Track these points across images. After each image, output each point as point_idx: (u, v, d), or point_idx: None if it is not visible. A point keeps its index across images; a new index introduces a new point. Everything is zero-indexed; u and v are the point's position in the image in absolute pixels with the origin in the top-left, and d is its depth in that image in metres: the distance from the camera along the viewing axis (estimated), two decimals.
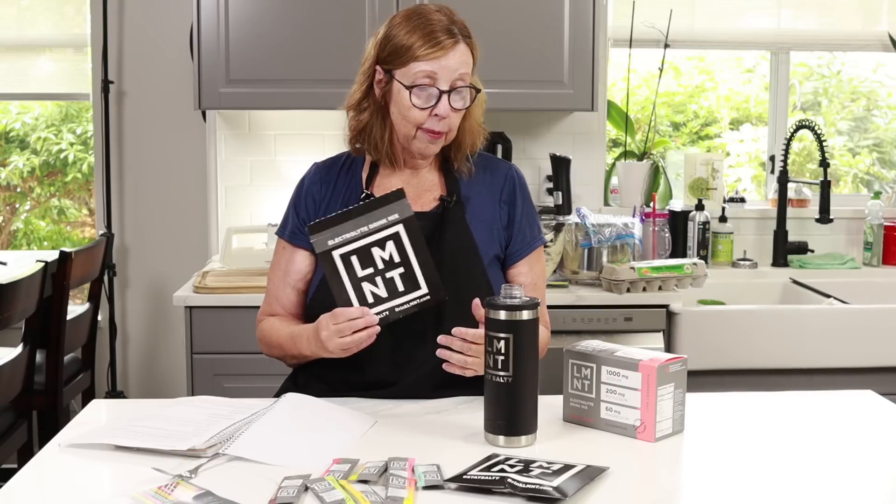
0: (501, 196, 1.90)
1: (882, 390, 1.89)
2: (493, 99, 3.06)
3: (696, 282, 2.85)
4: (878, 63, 3.72)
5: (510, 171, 1.94)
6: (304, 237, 1.87)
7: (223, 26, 2.93)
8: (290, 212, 1.93)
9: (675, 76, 3.76)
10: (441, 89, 1.76)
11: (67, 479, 1.40)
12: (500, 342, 1.51)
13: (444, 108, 1.76)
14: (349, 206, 1.71)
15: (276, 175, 3.32)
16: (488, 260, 1.85)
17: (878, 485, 1.43)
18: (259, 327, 1.94)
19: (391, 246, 1.66)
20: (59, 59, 3.77)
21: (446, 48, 1.75)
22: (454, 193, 1.86)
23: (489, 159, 1.96)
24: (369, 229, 1.66)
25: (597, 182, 3.44)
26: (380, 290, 1.66)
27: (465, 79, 1.78)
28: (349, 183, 1.90)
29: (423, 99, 1.76)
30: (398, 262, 1.66)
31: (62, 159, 4.02)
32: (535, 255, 1.92)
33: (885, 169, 3.81)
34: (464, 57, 1.78)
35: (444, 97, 1.76)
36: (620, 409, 1.55)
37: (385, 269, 1.66)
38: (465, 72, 1.78)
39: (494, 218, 1.88)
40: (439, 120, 1.77)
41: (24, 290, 2.70)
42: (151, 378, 3.78)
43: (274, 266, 1.94)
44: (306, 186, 1.92)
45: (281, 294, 1.91)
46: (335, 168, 1.92)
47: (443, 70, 1.75)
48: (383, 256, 1.66)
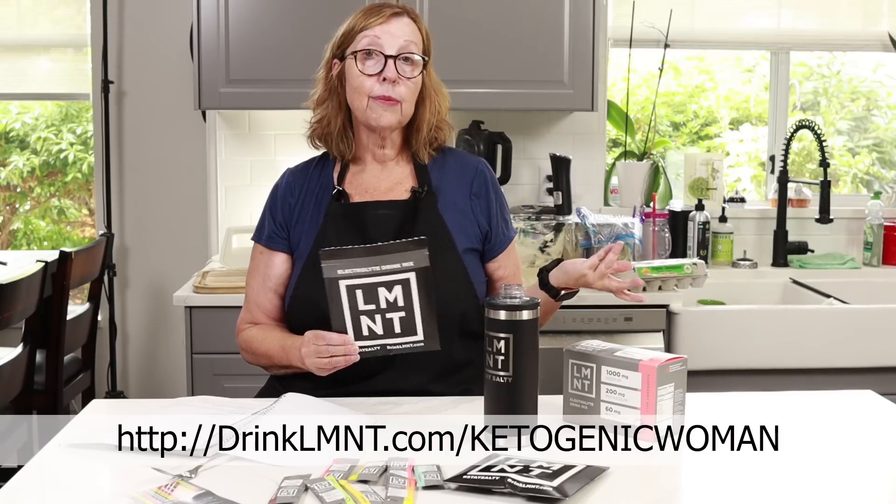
0: (472, 188, 1.94)
1: (882, 390, 1.89)
2: (493, 99, 3.09)
3: (696, 282, 2.85)
4: (878, 63, 3.72)
5: (480, 166, 1.98)
6: (283, 241, 1.92)
7: (223, 26, 2.93)
8: (266, 217, 1.96)
9: (674, 76, 3.76)
10: (386, 54, 1.81)
11: (67, 479, 1.40)
12: (500, 342, 1.51)
13: (391, 71, 1.81)
14: (367, 244, 1.68)
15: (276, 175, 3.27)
16: (463, 248, 1.88)
17: (878, 485, 1.43)
18: (241, 336, 1.95)
19: (398, 290, 1.65)
20: (59, 59, 3.77)
21: (387, 16, 1.84)
22: (425, 184, 1.89)
23: (460, 154, 2.01)
24: (381, 270, 1.65)
25: (597, 182, 3.44)
26: (377, 327, 1.66)
27: (412, 48, 1.84)
28: (321, 182, 1.93)
29: (371, 66, 1.82)
30: (401, 306, 1.65)
31: (62, 159, 4.03)
32: (510, 248, 1.99)
33: (885, 169, 3.81)
34: (409, 28, 1.85)
35: (391, 61, 1.81)
36: (620, 409, 1.55)
37: (387, 310, 1.66)
38: (412, 40, 1.84)
39: (467, 209, 1.92)
40: (389, 84, 1.81)
41: (24, 290, 2.70)
42: (151, 378, 3.78)
43: (252, 272, 1.96)
44: (281, 191, 1.96)
45: (262, 299, 1.92)
46: (307, 170, 1.97)
47: (385, 35, 1.82)
48: (388, 298, 1.65)
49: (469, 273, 1.87)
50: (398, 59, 1.81)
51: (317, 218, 1.89)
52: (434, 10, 2.93)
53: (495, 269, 1.96)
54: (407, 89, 1.83)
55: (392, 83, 1.81)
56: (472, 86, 2.97)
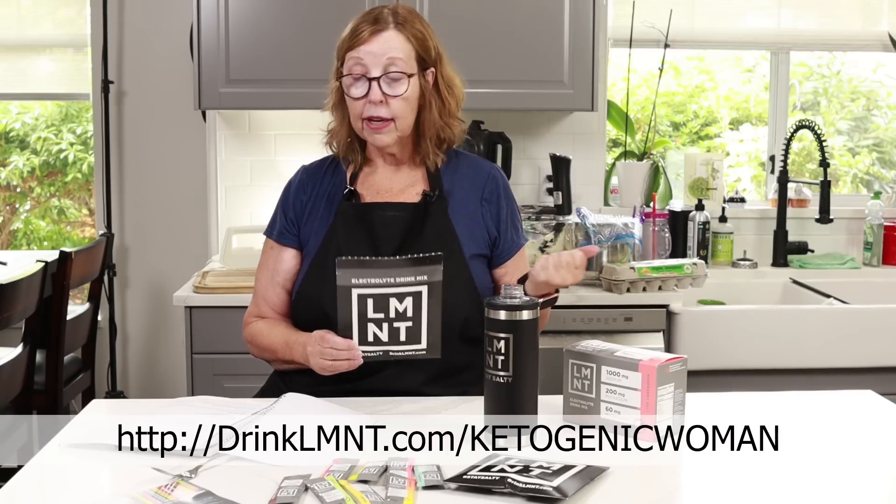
0: (483, 193, 1.93)
1: (882, 390, 1.89)
2: (493, 99, 3.09)
3: (696, 282, 2.85)
4: (878, 63, 3.72)
5: (493, 171, 1.97)
6: (293, 237, 1.92)
7: (223, 26, 2.93)
8: (278, 213, 1.97)
9: (674, 76, 3.76)
10: (370, 76, 1.79)
11: (67, 479, 1.40)
12: (500, 342, 1.51)
13: (375, 94, 1.80)
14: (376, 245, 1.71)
15: (276, 175, 3.32)
16: (470, 253, 1.88)
17: (878, 485, 1.43)
18: (248, 329, 1.95)
19: (409, 301, 1.66)
20: (59, 59, 3.77)
21: (366, 36, 1.80)
22: (436, 188, 1.89)
23: (473, 159, 2.00)
24: (395, 282, 1.66)
25: (597, 182, 3.44)
26: (382, 334, 1.67)
27: (397, 63, 1.80)
28: (334, 182, 1.93)
29: (357, 90, 1.81)
30: (409, 316, 1.67)
31: (62, 159, 4.03)
32: (519, 255, 1.97)
33: (885, 169, 3.81)
34: (392, 42, 1.81)
35: (374, 84, 1.79)
36: (620, 409, 1.55)
37: (395, 319, 1.67)
38: (396, 56, 1.80)
39: (477, 214, 1.91)
40: (375, 106, 1.80)
41: (24, 290, 2.70)
42: (151, 378, 3.78)
43: (262, 266, 1.96)
44: (294, 187, 1.96)
45: (270, 294, 1.93)
46: (321, 169, 1.97)
47: (368, 56, 1.80)
48: (398, 308, 1.66)
49: (474, 279, 1.87)
50: (381, 79, 1.79)
51: (327, 216, 1.89)
52: (434, 10, 2.93)
53: (502, 275, 1.95)
54: (398, 105, 1.81)
55: (378, 104, 1.80)
56: (472, 86, 2.91)
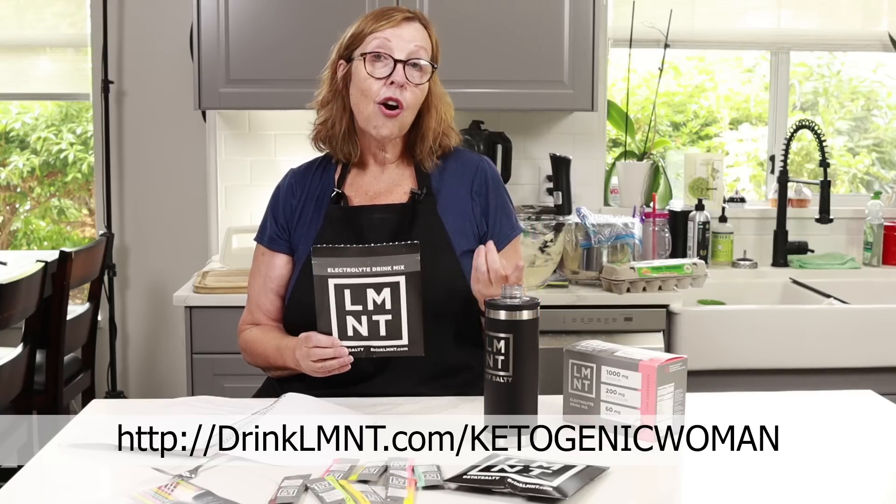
0: (472, 187, 1.92)
1: (882, 390, 1.89)
2: (494, 99, 3.09)
3: (696, 282, 2.85)
4: (878, 63, 3.72)
5: (481, 164, 1.95)
6: (284, 242, 1.91)
7: (223, 26, 2.93)
8: (268, 218, 1.96)
9: (674, 76, 3.76)
10: (396, 58, 1.79)
11: (67, 479, 1.40)
12: (500, 342, 1.51)
13: (400, 75, 1.79)
14: (363, 244, 1.67)
15: (276, 175, 3.27)
16: (461, 251, 1.86)
17: (878, 485, 1.43)
18: (242, 337, 1.95)
19: (387, 293, 1.64)
20: (59, 59, 3.77)
21: (398, 20, 1.81)
22: (424, 187, 1.88)
23: (462, 153, 1.97)
24: (371, 271, 1.63)
25: (597, 182, 3.44)
26: (362, 328, 1.65)
27: (422, 54, 1.81)
28: (322, 183, 1.93)
29: (380, 69, 1.80)
30: (388, 309, 1.64)
31: (62, 159, 4.03)
32: (511, 246, 1.94)
33: (885, 169, 3.81)
34: (420, 33, 1.83)
35: (400, 66, 1.79)
36: (620, 409, 1.55)
37: (373, 312, 1.65)
38: (422, 46, 1.82)
39: (467, 209, 1.90)
40: (397, 88, 1.79)
41: (24, 290, 2.70)
42: (151, 378, 3.78)
43: (254, 273, 1.96)
44: (283, 192, 1.96)
45: (263, 300, 1.92)
46: (310, 171, 1.96)
47: (396, 39, 1.80)
48: (376, 300, 1.64)
49: (465, 276, 1.84)
50: (407, 64, 1.80)
51: (316, 220, 1.89)
52: (434, 10, 2.93)
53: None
54: (413, 95, 1.81)
55: (399, 87, 1.79)
56: (472, 86, 2.97)
